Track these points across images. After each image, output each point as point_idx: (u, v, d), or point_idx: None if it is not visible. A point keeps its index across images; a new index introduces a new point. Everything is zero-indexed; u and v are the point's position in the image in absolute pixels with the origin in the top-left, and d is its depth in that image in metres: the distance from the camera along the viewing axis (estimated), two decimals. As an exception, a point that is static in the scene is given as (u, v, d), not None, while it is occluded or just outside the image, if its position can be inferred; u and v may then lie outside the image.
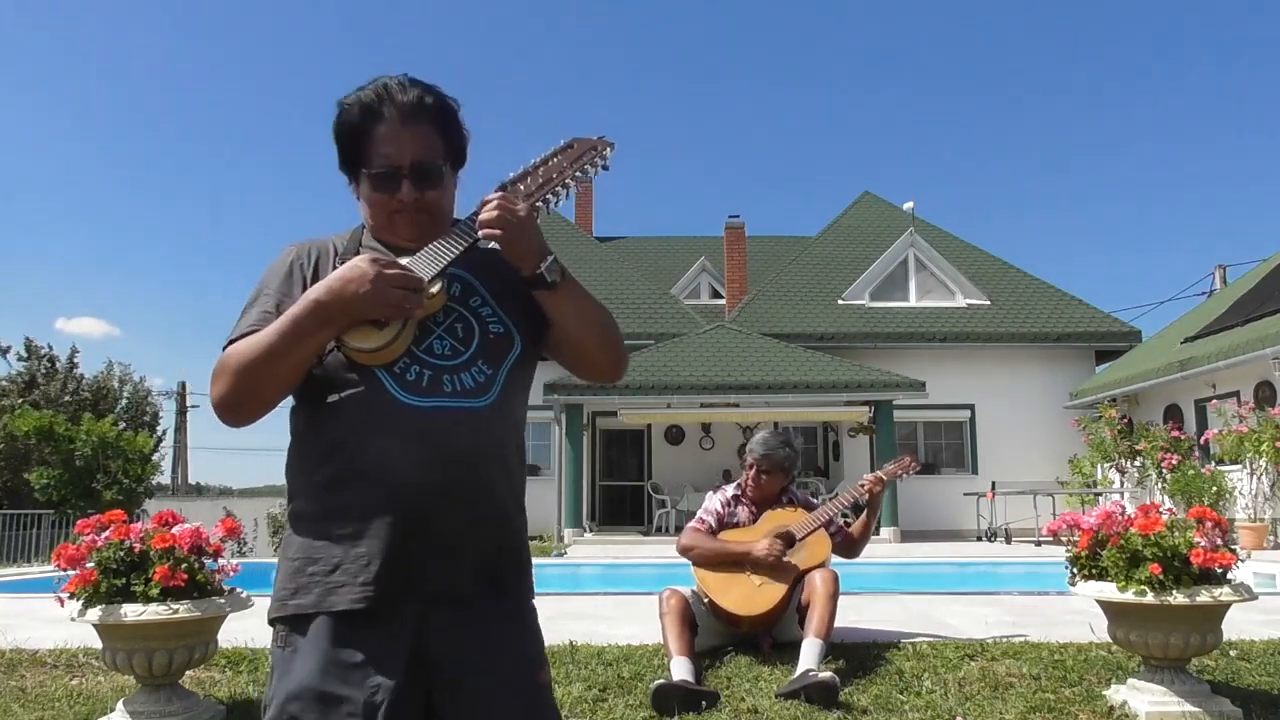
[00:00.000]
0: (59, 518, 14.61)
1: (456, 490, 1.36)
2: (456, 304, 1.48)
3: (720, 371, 15.63)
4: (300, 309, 1.35)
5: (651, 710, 3.37)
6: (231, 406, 1.39)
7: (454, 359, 1.42)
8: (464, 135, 1.54)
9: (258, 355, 1.35)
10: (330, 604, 1.33)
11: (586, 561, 11.35)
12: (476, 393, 1.40)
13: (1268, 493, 12.11)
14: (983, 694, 3.56)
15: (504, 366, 1.45)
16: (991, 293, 18.79)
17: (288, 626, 1.36)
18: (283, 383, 1.39)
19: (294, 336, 1.35)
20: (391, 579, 1.33)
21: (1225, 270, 21.82)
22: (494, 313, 1.49)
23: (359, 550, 1.33)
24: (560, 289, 1.45)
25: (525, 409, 1.54)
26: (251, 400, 1.39)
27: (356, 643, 1.32)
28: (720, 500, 4.38)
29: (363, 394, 1.37)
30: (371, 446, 1.35)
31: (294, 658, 1.34)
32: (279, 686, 1.34)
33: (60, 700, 3.64)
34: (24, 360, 22.21)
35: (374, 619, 1.33)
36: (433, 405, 1.37)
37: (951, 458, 18.06)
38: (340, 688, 1.30)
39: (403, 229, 1.49)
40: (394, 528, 1.33)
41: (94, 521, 3.37)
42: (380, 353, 1.38)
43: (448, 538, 1.35)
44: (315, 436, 1.40)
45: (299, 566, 1.37)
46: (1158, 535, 3.30)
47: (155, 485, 22.05)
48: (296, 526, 1.40)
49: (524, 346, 1.49)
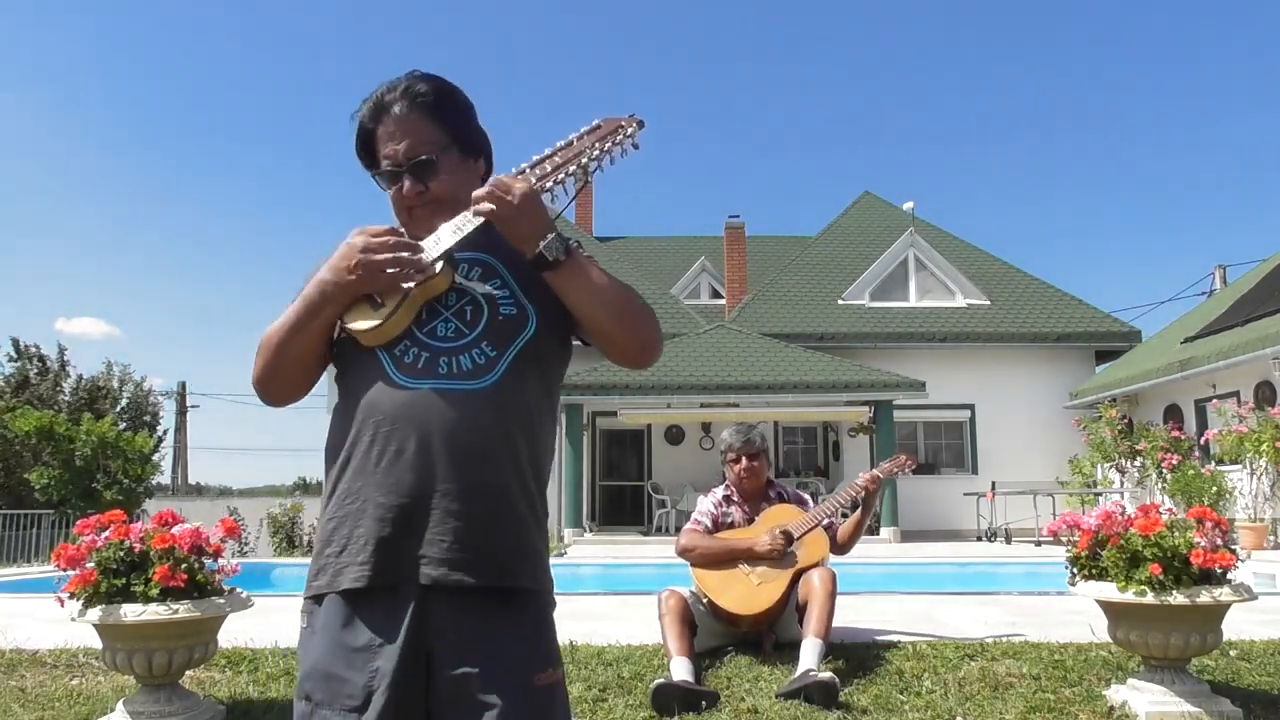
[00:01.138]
0: (59, 518, 14.62)
1: (449, 472, 1.35)
2: (473, 287, 1.47)
3: (720, 371, 15.63)
4: (309, 287, 1.43)
5: (651, 710, 3.37)
6: (260, 382, 1.48)
7: (456, 341, 1.42)
8: (470, 118, 1.54)
9: (277, 333, 1.44)
10: (337, 584, 1.36)
11: (586, 561, 11.35)
12: (474, 375, 1.40)
13: (1268, 493, 12.11)
14: (983, 694, 3.56)
15: (511, 349, 1.43)
16: (991, 293, 18.79)
17: (310, 607, 1.41)
18: (300, 363, 1.46)
19: (305, 314, 1.42)
20: (385, 561, 1.34)
21: (1225, 270, 21.85)
22: (510, 295, 1.47)
23: (360, 531, 1.36)
24: (564, 268, 1.42)
25: (545, 395, 1.48)
26: (275, 377, 1.47)
27: (360, 626, 1.35)
28: (712, 502, 4.39)
29: (367, 377, 1.41)
30: (370, 428, 1.38)
31: (311, 638, 1.38)
32: (301, 665, 1.40)
33: (60, 700, 3.64)
34: (14, 360, 22.24)
35: (375, 603, 1.35)
36: (424, 386, 1.38)
37: (951, 458, 18.06)
38: (344, 670, 1.33)
39: (422, 223, 1.50)
40: (385, 509, 1.35)
41: (94, 522, 3.37)
42: (377, 331, 1.40)
43: (435, 522, 1.35)
44: (336, 421, 1.45)
45: (319, 549, 1.41)
46: (1158, 535, 3.30)
47: (155, 485, 22.05)
48: (323, 508, 1.44)
49: (539, 329, 1.46)
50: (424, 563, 1.34)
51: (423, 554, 1.34)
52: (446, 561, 1.34)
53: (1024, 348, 17.88)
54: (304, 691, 1.36)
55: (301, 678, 1.37)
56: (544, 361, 1.48)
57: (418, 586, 1.34)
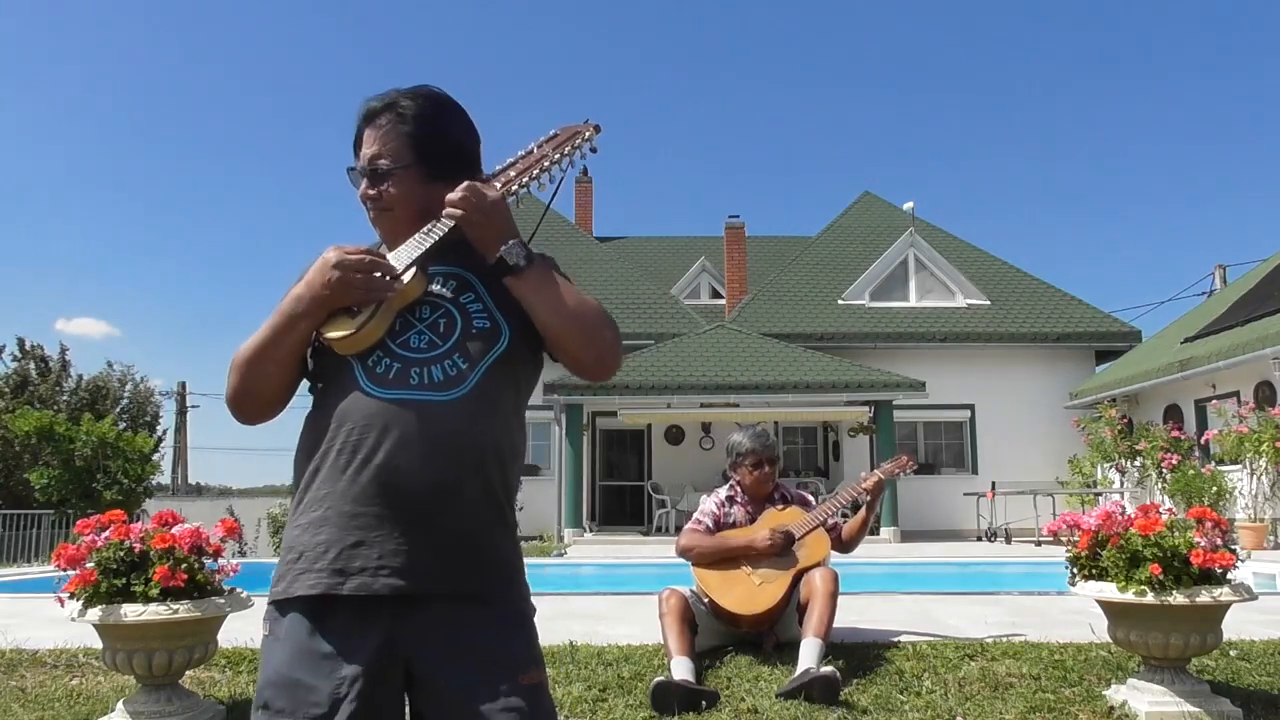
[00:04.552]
0: (59, 518, 14.62)
1: (415, 482, 1.36)
2: (448, 299, 1.50)
3: (720, 371, 15.64)
4: (284, 302, 1.44)
5: (651, 710, 3.37)
6: (235, 400, 1.48)
7: (428, 352, 1.44)
8: (451, 139, 1.56)
9: (251, 349, 1.45)
10: (293, 591, 1.36)
11: (586, 561, 11.35)
12: (445, 386, 1.41)
13: (1268, 493, 12.11)
14: (983, 694, 3.56)
15: (484, 361, 1.44)
16: (991, 293, 18.79)
17: (272, 614, 1.41)
18: (275, 378, 1.46)
19: (279, 329, 1.43)
20: (345, 568, 1.34)
21: (1225, 270, 21.85)
22: (483, 308, 1.49)
23: (319, 539, 1.37)
24: (525, 274, 1.46)
25: (515, 408, 1.50)
26: (249, 394, 1.47)
27: (326, 634, 1.34)
28: (715, 502, 4.39)
29: (339, 386, 1.42)
30: (339, 437, 1.39)
31: (274, 645, 1.38)
32: (260, 672, 1.39)
33: (60, 700, 3.64)
34: (18, 360, 22.22)
35: (342, 611, 1.35)
36: (394, 397, 1.39)
37: (951, 458, 18.06)
38: (310, 677, 1.32)
39: (377, 225, 1.57)
40: (350, 517, 1.36)
41: (94, 522, 3.37)
42: (352, 340, 1.41)
43: (400, 529, 1.35)
44: (307, 430, 1.46)
45: (283, 556, 1.42)
46: (1158, 535, 3.30)
47: (155, 485, 22.03)
48: (291, 516, 1.45)
49: (513, 342, 1.48)
50: (385, 573, 1.34)
51: (384, 564, 1.34)
52: (411, 571, 1.34)
53: (1024, 348, 17.89)
54: (263, 700, 1.34)
55: (261, 685, 1.36)
56: (516, 374, 1.49)
57: (387, 595, 1.34)
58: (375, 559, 1.34)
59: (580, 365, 1.52)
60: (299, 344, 1.45)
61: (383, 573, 1.34)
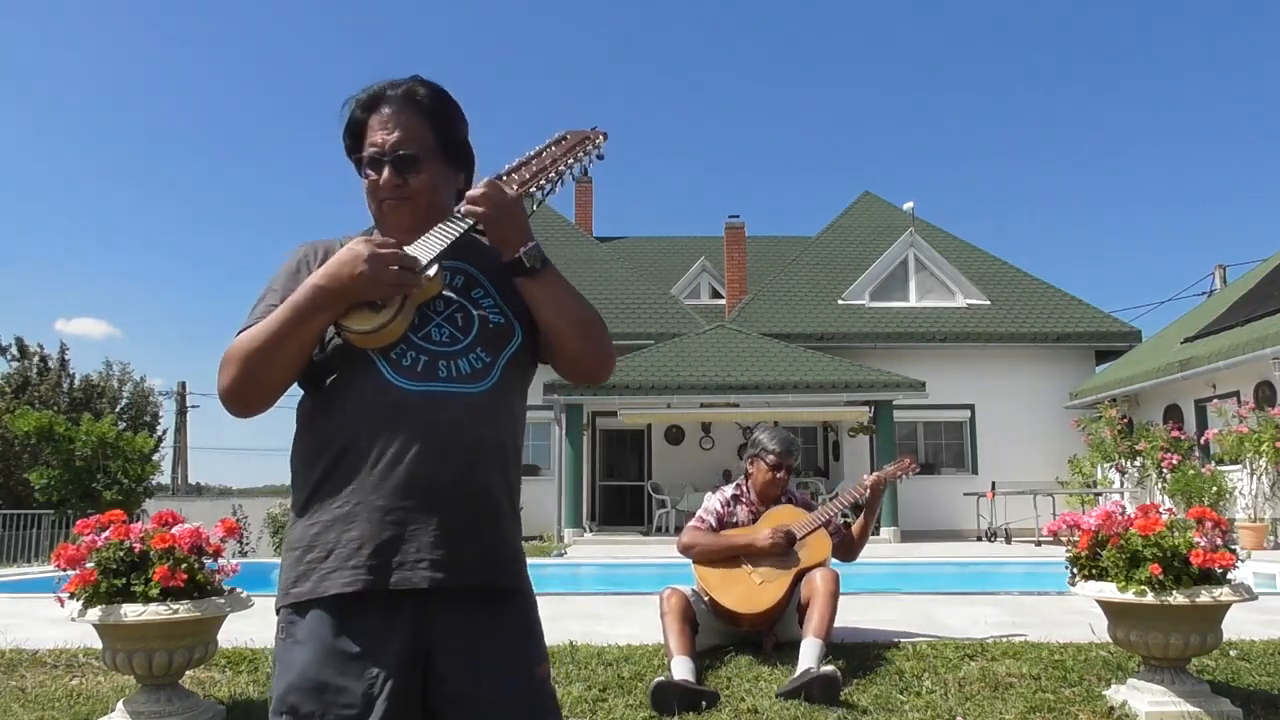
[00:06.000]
0: (59, 518, 14.60)
1: (449, 475, 1.36)
2: (458, 295, 1.49)
3: (720, 371, 15.63)
4: (300, 294, 1.37)
5: (651, 710, 3.37)
6: (236, 394, 1.40)
7: (452, 345, 1.43)
8: (461, 131, 1.55)
9: (260, 342, 1.37)
10: (324, 589, 1.33)
11: (586, 561, 11.34)
12: (473, 378, 1.41)
13: (1268, 493, 12.11)
14: (983, 694, 3.56)
15: (503, 355, 1.45)
16: (991, 293, 18.79)
17: (289, 616, 1.37)
18: (284, 370, 1.40)
19: (294, 321, 1.36)
20: (383, 564, 1.32)
21: (1225, 270, 21.84)
22: (495, 304, 1.50)
23: (351, 534, 1.34)
24: (539, 276, 1.46)
25: (524, 407, 1.52)
26: (255, 388, 1.40)
27: (354, 633, 1.32)
28: (720, 500, 4.38)
29: (360, 379, 1.39)
30: (365, 431, 1.36)
31: (294, 648, 1.34)
32: (280, 678, 1.35)
33: (60, 700, 3.64)
34: (18, 360, 22.20)
35: (370, 609, 1.33)
36: (427, 389, 1.38)
37: (951, 458, 18.06)
38: (338, 678, 1.30)
39: (391, 217, 1.51)
40: (384, 511, 1.33)
41: (94, 522, 3.37)
42: (378, 334, 1.38)
43: (438, 523, 1.34)
44: (316, 424, 1.42)
45: (299, 555, 1.37)
46: (1158, 535, 3.30)
47: (155, 485, 22.02)
48: (299, 514, 1.41)
49: (524, 339, 1.49)
50: (424, 566, 1.33)
51: (423, 557, 1.33)
52: (449, 564, 1.34)
53: (1024, 348, 17.88)
54: (288, 705, 1.31)
55: (284, 691, 1.32)
56: (524, 370, 1.51)
57: (417, 590, 1.32)
58: (414, 553, 1.33)
59: (583, 368, 1.53)
60: (315, 337, 1.39)
61: (421, 566, 1.33)
